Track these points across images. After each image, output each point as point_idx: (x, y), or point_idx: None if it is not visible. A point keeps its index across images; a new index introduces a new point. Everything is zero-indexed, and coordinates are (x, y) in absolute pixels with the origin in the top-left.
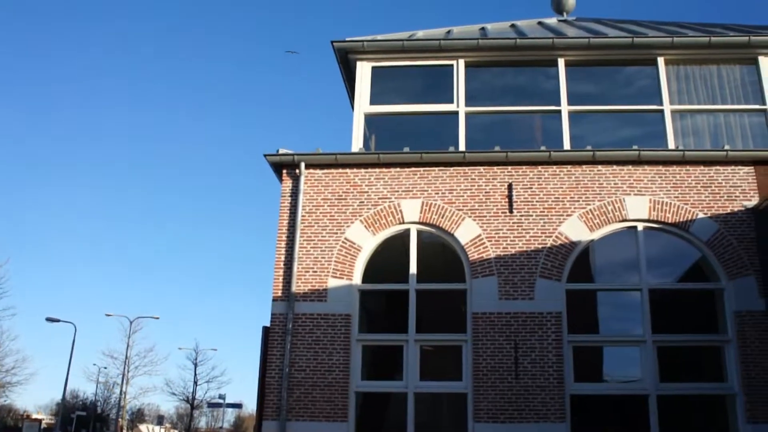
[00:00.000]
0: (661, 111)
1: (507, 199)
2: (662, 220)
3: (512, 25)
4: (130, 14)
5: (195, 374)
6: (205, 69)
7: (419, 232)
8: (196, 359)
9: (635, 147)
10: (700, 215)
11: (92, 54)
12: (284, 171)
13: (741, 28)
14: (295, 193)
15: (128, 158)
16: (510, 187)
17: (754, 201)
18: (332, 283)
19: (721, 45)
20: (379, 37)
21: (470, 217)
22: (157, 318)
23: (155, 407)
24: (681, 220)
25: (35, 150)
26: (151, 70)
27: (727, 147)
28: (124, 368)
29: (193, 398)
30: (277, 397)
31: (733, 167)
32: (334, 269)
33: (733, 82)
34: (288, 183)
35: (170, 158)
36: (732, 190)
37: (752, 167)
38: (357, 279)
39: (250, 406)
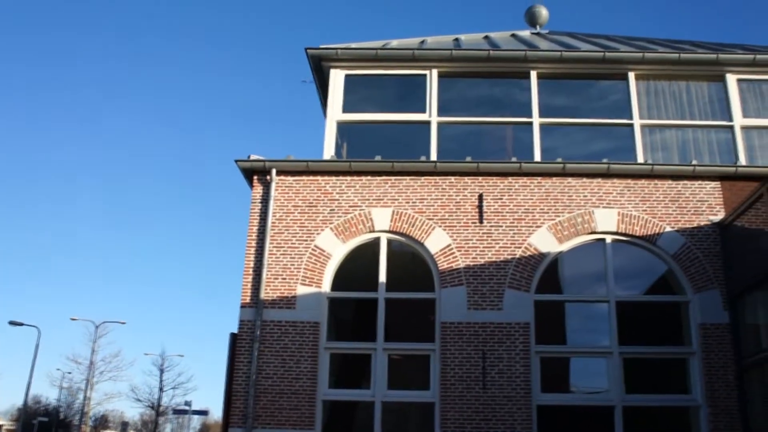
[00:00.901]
0: (631, 125)
1: (477, 210)
2: (630, 233)
3: (486, 37)
4: (97, 21)
5: (161, 380)
6: (176, 74)
7: (389, 241)
8: (162, 365)
9: (605, 160)
10: (668, 229)
11: (60, 61)
12: (255, 177)
13: (709, 46)
14: (265, 200)
15: (94, 162)
16: (480, 197)
17: (720, 216)
18: (301, 290)
19: (690, 62)
20: (353, 45)
21: (440, 226)
22: (124, 323)
23: (119, 413)
24: (648, 233)
25: None
26: (121, 76)
27: (694, 162)
28: (89, 373)
29: (159, 405)
30: (243, 405)
31: (700, 182)
32: (303, 276)
33: (702, 99)
34: (258, 189)
35: (138, 162)
36: (699, 205)
37: (719, 182)
38: (326, 287)
39: (216, 413)
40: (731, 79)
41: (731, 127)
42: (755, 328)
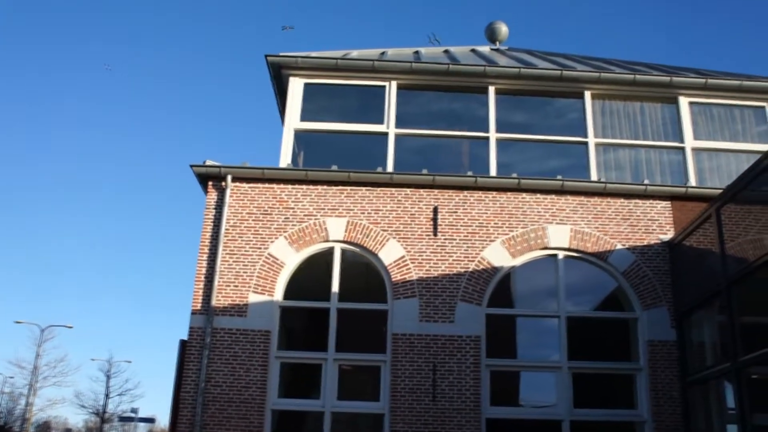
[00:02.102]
0: (586, 143)
1: (432, 222)
2: (582, 249)
3: (446, 51)
4: (49, 24)
5: (107, 387)
6: (132, 76)
7: (343, 251)
8: (109, 371)
9: (559, 177)
10: (619, 246)
11: (9, 68)
12: (210, 183)
13: (664, 68)
14: (219, 206)
15: (43, 161)
16: (435, 210)
17: (669, 234)
18: (253, 298)
19: (644, 83)
20: (313, 54)
21: (395, 238)
22: (71, 327)
23: (63, 420)
24: (600, 250)
25: None
26: (76, 79)
27: (646, 181)
28: (32, 378)
29: (104, 411)
30: (191, 413)
31: (651, 201)
32: (255, 284)
33: (655, 120)
34: (213, 195)
35: (91, 163)
36: (649, 224)
37: (669, 202)
38: (278, 295)
39: (163, 421)
40: (684, 102)
41: (683, 149)
42: (700, 345)
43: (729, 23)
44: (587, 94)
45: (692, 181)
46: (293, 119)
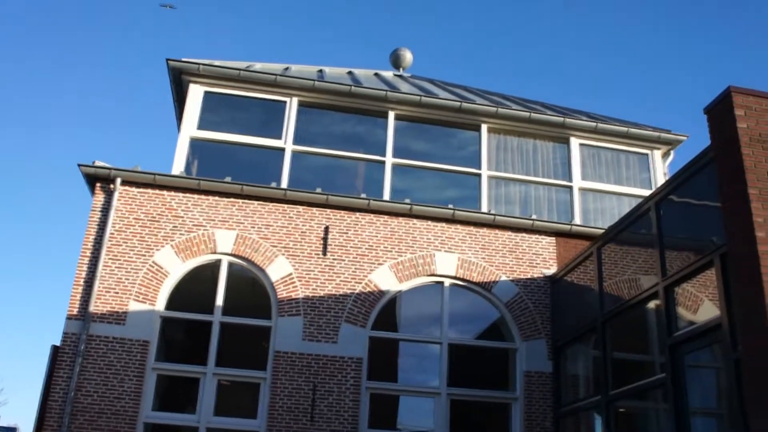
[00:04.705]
0: (479, 175)
1: (322, 241)
2: (468, 278)
3: (349, 72)
4: None
5: None
6: (33, 67)
7: (230, 264)
8: None
9: (450, 206)
10: (503, 278)
11: None
12: (98, 184)
13: (558, 109)
14: (106, 209)
15: None
16: (326, 229)
17: (552, 270)
18: (133, 306)
19: (539, 122)
20: (215, 63)
21: (284, 255)
22: None
23: None
24: (485, 280)
25: None
26: None
27: (534, 217)
28: None
29: None
30: (57, 423)
31: (537, 236)
32: (137, 292)
33: (546, 158)
34: (100, 197)
35: None
36: (534, 257)
37: (554, 238)
38: (160, 305)
39: (27, 430)
40: (575, 143)
41: (570, 188)
42: (574, 378)
43: (624, 68)
44: (484, 128)
45: (577, 219)
46: (190, 127)
